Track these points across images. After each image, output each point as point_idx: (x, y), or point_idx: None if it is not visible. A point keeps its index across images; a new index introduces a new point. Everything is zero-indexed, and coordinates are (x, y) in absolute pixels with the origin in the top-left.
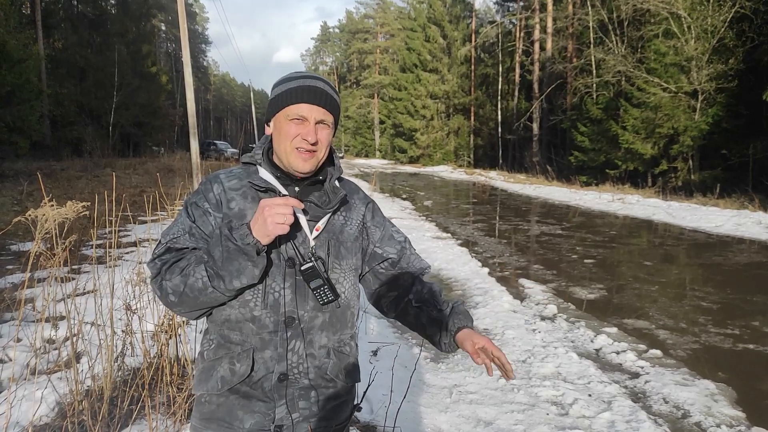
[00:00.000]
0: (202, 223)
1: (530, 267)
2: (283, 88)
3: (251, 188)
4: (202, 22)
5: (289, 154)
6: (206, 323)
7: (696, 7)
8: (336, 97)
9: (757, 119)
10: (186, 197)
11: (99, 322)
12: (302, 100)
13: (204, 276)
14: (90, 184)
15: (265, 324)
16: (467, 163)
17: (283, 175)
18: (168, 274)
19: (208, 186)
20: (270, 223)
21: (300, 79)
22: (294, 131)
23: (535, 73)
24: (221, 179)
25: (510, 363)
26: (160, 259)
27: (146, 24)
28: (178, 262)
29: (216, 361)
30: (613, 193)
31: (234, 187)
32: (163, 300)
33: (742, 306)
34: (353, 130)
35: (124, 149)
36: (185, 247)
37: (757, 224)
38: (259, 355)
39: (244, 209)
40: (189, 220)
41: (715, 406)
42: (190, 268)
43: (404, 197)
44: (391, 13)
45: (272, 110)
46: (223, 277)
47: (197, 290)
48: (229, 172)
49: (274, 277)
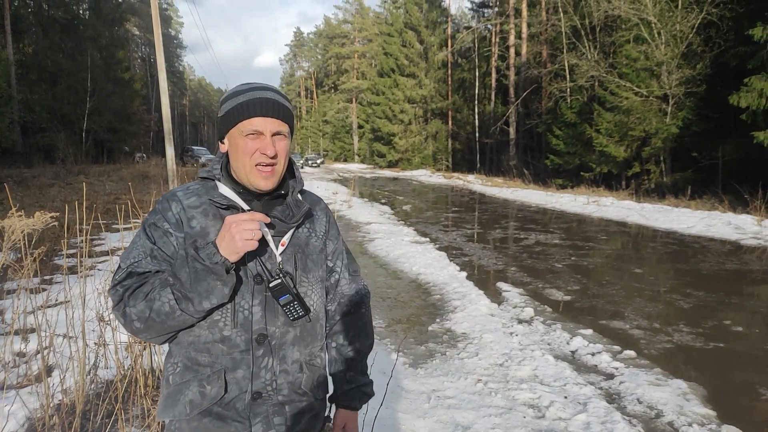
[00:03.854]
0: (163, 244)
1: (508, 270)
2: (233, 103)
3: (211, 205)
4: (176, 27)
5: (249, 172)
6: (169, 346)
7: (665, 13)
8: (288, 105)
9: (725, 122)
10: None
11: (71, 334)
12: (255, 114)
13: (171, 299)
14: (62, 192)
15: (236, 343)
16: (446, 167)
17: (244, 190)
18: (131, 300)
19: (165, 205)
20: (238, 239)
21: (249, 91)
22: (251, 147)
23: (511, 78)
24: (179, 197)
25: None
26: (122, 285)
27: (119, 28)
28: (141, 286)
29: (183, 385)
30: (588, 196)
31: (193, 204)
32: (127, 327)
33: (714, 305)
34: (332, 134)
35: (97, 156)
36: (147, 271)
37: (727, 225)
38: (231, 375)
39: (207, 227)
40: (149, 242)
41: (687, 405)
42: (155, 292)
43: (383, 202)
44: (368, 18)
45: (224, 127)
46: (191, 299)
47: (164, 314)
48: (186, 189)
49: (242, 295)
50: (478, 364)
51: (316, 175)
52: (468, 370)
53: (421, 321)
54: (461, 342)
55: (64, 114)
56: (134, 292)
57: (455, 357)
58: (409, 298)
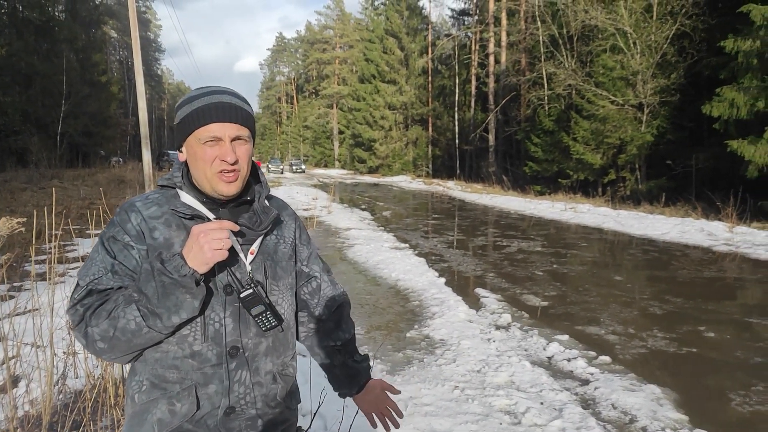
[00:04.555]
0: (123, 258)
1: (486, 276)
2: (188, 110)
3: (174, 215)
4: (155, 30)
5: (211, 179)
6: (132, 363)
7: (640, 24)
8: (248, 108)
9: (698, 131)
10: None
11: (39, 343)
12: (211, 120)
13: (137, 316)
14: (35, 197)
15: (207, 358)
16: (426, 173)
17: (208, 198)
18: (94, 319)
19: (124, 216)
20: (207, 249)
21: (204, 96)
22: (210, 155)
23: (491, 86)
24: (138, 207)
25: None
26: (82, 304)
27: (97, 31)
28: (103, 304)
29: (150, 403)
30: (565, 202)
31: (154, 215)
32: (90, 348)
33: (687, 311)
34: (312, 140)
35: (72, 160)
36: (109, 288)
37: (700, 231)
38: (202, 391)
39: (170, 239)
40: (109, 256)
41: (661, 410)
42: (118, 309)
43: (363, 207)
44: (349, 24)
45: (181, 135)
46: (159, 315)
47: (130, 332)
48: (145, 199)
49: (212, 307)
50: (455, 370)
51: (296, 181)
52: (445, 377)
53: (400, 327)
54: (439, 348)
55: (38, 117)
56: (96, 310)
57: (433, 364)
58: (388, 304)
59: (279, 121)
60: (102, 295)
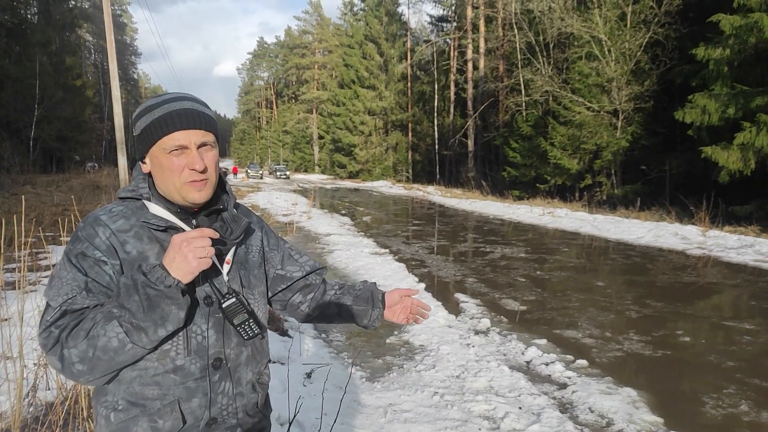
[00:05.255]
0: (96, 274)
1: (466, 281)
2: (148, 119)
3: (144, 227)
4: (131, 33)
5: (180, 189)
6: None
7: (615, 31)
8: (210, 113)
9: (672, 137)
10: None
11: (9, 354)
12: (175, 128)
13: (119, 333)
14: (6, 203)
15: (191, 371)
16: (406, 178)
17: (179, 209)
18: (71, 340)
19: (90, 231)
20: (192, 258)
21: (164, 104)
22: (178, 164)
23: (469, 91)
24: (104, 221)
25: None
26: (56, 325)
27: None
28: (79, 324)
29: (129, 422)
30: (543, 207)
31: (122, 228)
32: (66, 372)
33: (662, 314)
34: (292, 145)
35: (46, 165)
36: (84, 307)
37: (674, 235)
38: (185, 405)
39: (144, 252)
40: (81, 274)
41: (637, 413)
42: (97, 328)
43: (343, 213)
44: (329, 29)
45: (144, 146)
46: (145, 329)
47: (113, 350)
48: (109, 212)
49: (194, 319)
50: (435, 376)
51: (275, 186)
52: (425, 383)
53: (379, 333)
54: (419, 354)
55: (9, 121)
56: (72, 331)
57: (412, 370)
58: None
59: (258, 126)
60: (77, 315)
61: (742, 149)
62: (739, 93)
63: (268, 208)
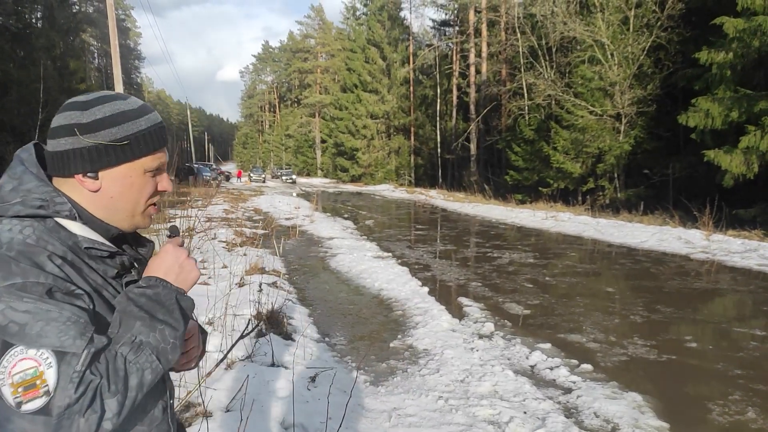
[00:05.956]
0: (83, 303)
1: (469, 285)
2: (132, 129)
3: (79, 254)
4: (135, 38)
5: (136, 216)
6: None
7: (617, 36)
8: None
9: (675, 141)
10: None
11: None
12: (161, 145)
13: (153, 361)
14: None
15: (155, 416)
16: (408, 182)
17: (100, 231)
18: (112, 385)
19: (38, 258)
20: (191, 269)
21: (145, 114)
22: (151, 187)
23: (472, 95)
24: (38, 245)
25: None
26: (92, 373)
27: (75, 39)
28: (111, 364)
29: None
30: (546, 211)
31: (58, 251)
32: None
33: (667, 318)
34: (294, 148)
35: None
36: (108, 342)
37: (678, 239)
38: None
39: (95, 280)
40: (77, 308)
41: (642, 418)
42: (130, 364)
43: (346, 216)
44: (331, 33)
45: (116, 159)
46: (175, 347)
47: (148, 383)
48: (23, 234)
49: None
50: (439, 380)
51: (278, 190)
52: (429, 387)
53: (383, 337)
54: (423, 358)
55: (14, 125)
56: (110, 375)
57: (416, 374)
58: (371, 314)
59: (261, 130)
60: (101, 355)
61: (745, 153)
62: (743, 96)
63: (270, 211)
